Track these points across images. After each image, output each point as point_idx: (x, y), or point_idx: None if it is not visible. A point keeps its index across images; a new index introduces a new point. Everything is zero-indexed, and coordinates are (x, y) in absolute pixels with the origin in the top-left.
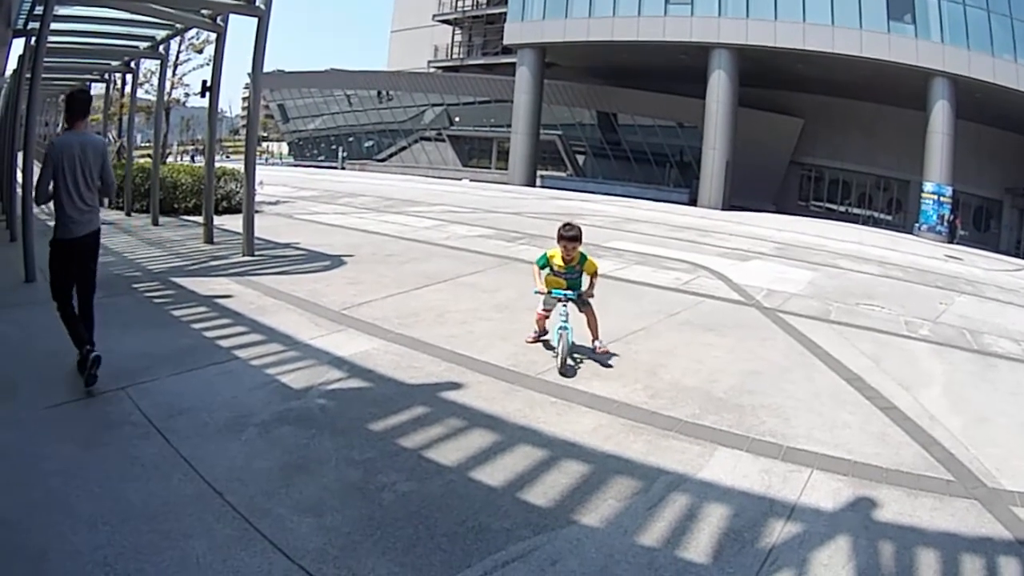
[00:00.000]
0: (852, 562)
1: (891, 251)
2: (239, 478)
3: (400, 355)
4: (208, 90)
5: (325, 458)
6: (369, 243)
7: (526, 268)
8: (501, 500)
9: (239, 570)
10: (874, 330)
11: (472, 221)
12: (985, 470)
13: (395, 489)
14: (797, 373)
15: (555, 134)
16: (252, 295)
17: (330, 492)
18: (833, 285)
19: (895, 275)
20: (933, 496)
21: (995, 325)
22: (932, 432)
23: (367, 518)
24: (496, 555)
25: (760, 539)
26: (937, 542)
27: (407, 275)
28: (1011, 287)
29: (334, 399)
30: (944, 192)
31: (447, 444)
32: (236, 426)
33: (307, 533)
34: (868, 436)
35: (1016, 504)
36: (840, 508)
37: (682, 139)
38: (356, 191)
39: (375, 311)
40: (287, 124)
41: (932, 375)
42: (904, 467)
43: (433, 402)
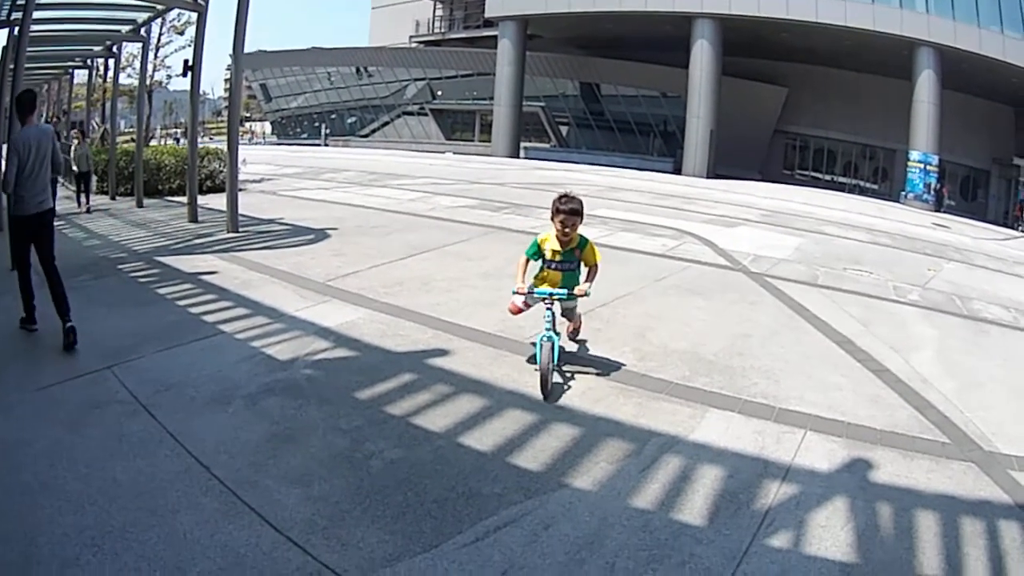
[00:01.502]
0: (850, 524)
1: (878, 218)
2: (226, 451)
3: (386, 324)
4: (190, 69)
5: (312, 428)
6: (353, 216)
7: (511, 237)
8: (491, 465)
9: (226, 544)
10: (863, 295)
11: (456, 192)
12: (981, 433)
13: (383, 457)
14: (787, 336)
15: (538, 106)
16: (237, 270)
17: (317, 462)
18: (820, 251)
19: (883, 242)
20: (929, 458)
21: (984, 292)
22: (926, 395)
23: (355, 487)
24: (488, 520)
25: (756, 501)
26: (935, 504)
27: (392, 246)
28: (1000, 256)
29: (320, 369)
30: (930, 161)
31: (435, 410)
32: (222, 399)
33: (295, 504)
34: (861, 398)
35: (1014, 468)
36: (836, 469)
37: (666, 109)
38: (339, 167)
39: (360, 281)
40: (269, 103)
41: (923, 339)
42: (899, 429)
43: (420, 369)
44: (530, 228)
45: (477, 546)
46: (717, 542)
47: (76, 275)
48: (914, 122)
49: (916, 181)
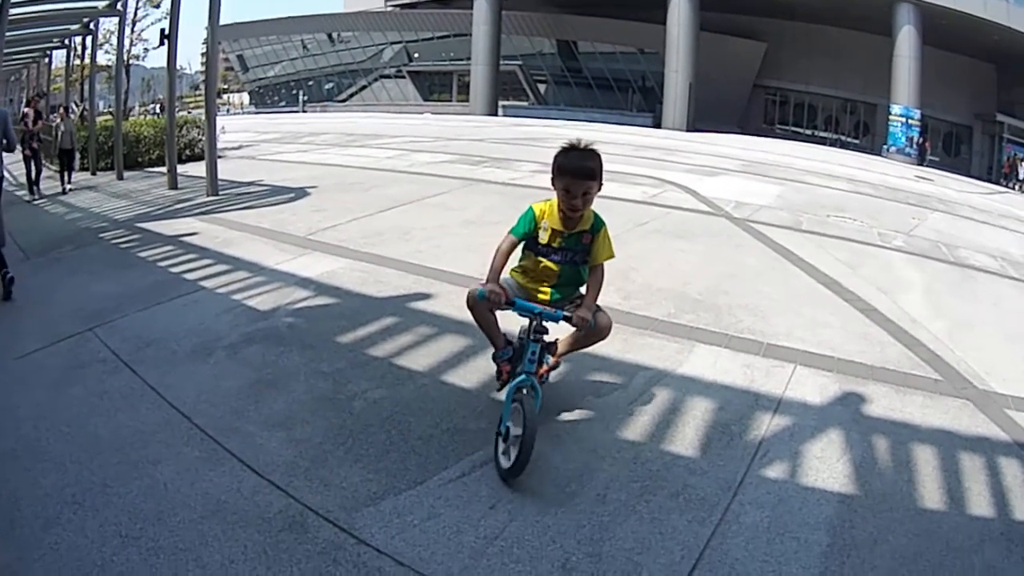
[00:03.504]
0: (847, 455)
1: (860, 170)
2: (207, 400)
3: (367, 272)
4: (167, 38)
5: (294, 373)
6: (332, 175)
7: (491, 188)
8: (476, 401)
9: (207, 491)
10: (847, 239)
11: (435, 149)
12: (974, 372)
13: (366, 397)
14: (772, 276)
15: (515, 64)
16: (217, 230)
17: (299, 405)
18: (802, 199)
19: (865, 192)
20: (923, 394)
21: (970, 241)
22: (915, 334)
23: (338, 428)
24: (474, 455)
25: (748, 432)
26: (932, 439)
27: (371, 200)
28: (985, 208)
29: (302, 317)
30: (912, 115)
31: (418, 351)
32: (203, 351)
33: (276, 448)
34: (850, 335)
35: (1010, 407)
36: (828, 402)
37: (644, 65)
38: (317, 130)
39: (340, 234)
40: (247, 74)
41: (911, 282)
42: (890, 365)
43: (402, 312)
44: (510, 180)
45: (463, 481)
46: (711, 473)
47: (59, 247)
48: (895, 77)
49: (898, 135)
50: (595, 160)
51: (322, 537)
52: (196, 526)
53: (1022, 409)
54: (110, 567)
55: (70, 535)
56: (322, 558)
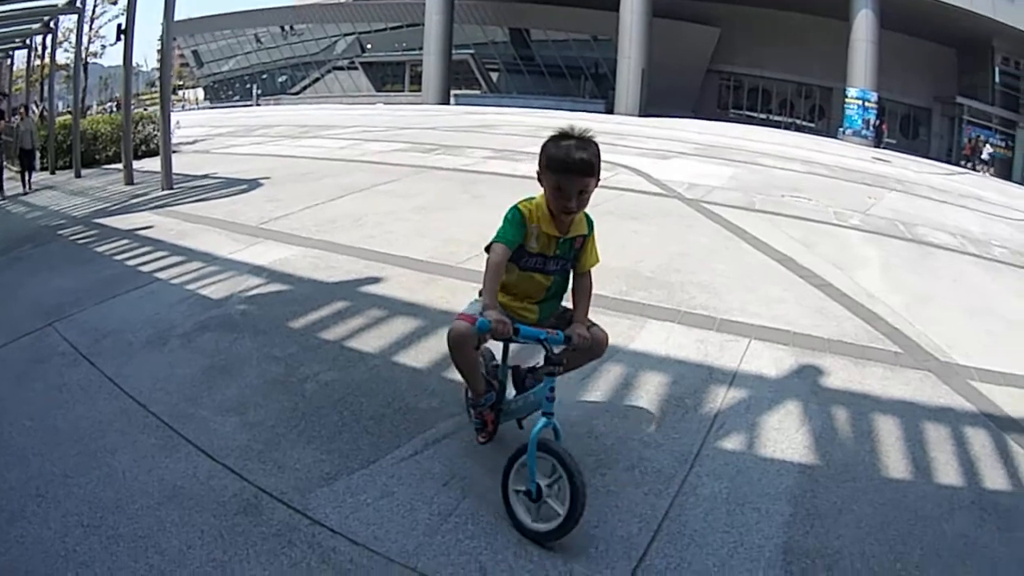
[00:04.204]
0: (806, 426)
1: (815, 152)
2: (163, 388)
3: (319, 258)
4: (124, 33)
5: (246, 358)
6: (285, 166)
7: (443, 175)
8: (427, 380)
9: (164, 478)
10: (802, 218)
11: (387, 138)
12: (935, 345)
13: (318, 379)
14: (725, 254)
15: (467, 53)
16: (172, 223)
17: (252, 389)
18: (757, 180)
19: (820, 172)
20: (883, 366)
21: (930, 219)
22: (873, 308)
23: (291, 410)
24: (426, 433)
25: (703, 405)
26: (894, 410)
27: (323, 189)
28: (945, 188)
29: (254, 303)
30: (869, 97)
31: (369, 333)
32: (159, 340)
33: (230, 432)
34: (805, 310)
35: (975, 379)
36: (785, 375)
37: (597, 52)
38: (270, 123)
39: (292, 222)
40: (202, 69)
41: (867, 259)
42: (847, 339)
43: (353, 297)
44: (461, 166)
45: (416, 459)
46: (666, 446)
47: (20, 246)
48: (852, 61)
49: (854, 117)
50: (593, 151)
51: (277, 519)
52: (154, 512)
53: (987, 381)
54: (73, 557)
55: (35, 528)
56: (277, 540)
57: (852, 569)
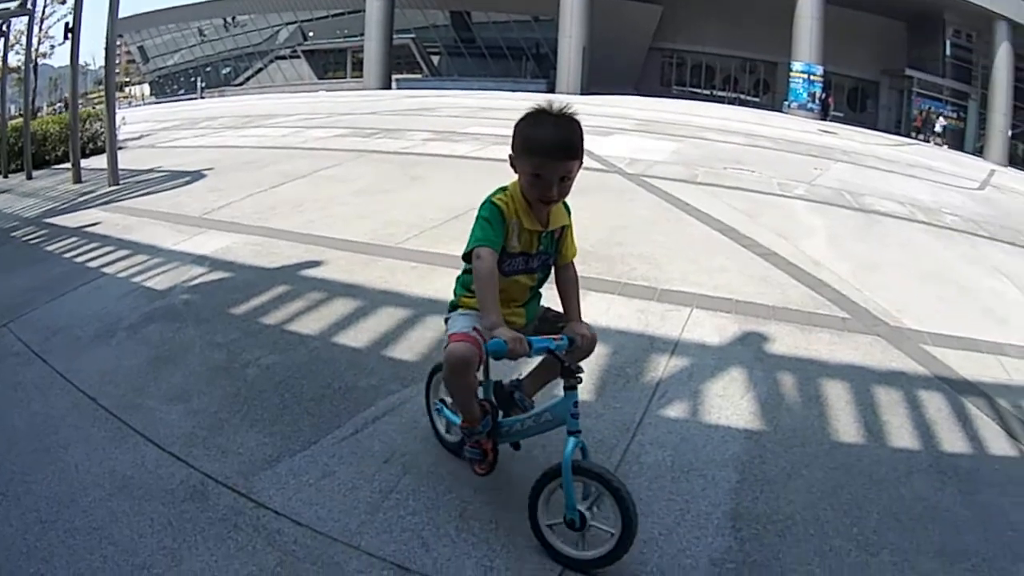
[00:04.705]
0: (751, 392)
1: (759, 125)
2: (111, 381)
3: (260, 245)
4: (71, 32)
5: (190, 346)
6: (228, 156)
7: (383, 158)
8: (367, 360)
9: (114, 469)
10: (745, 190)
11: (328, 124)
12: (884, 310)
13: (259, 364)
14: (666, 226)
15: (408, 38)
16: (118, 218)
17: (196, 377)
18: (699, 153)
19: (764, 145)
20: (830, 332)
21: (877, 188)
22: (819, 275)
23: (233, 395)
24: (366, 412)
25: (645, 374)
26: (843, 374)
27: (265, 177)
28: (893, 159)
29: (197, 293)
30: (814, 71)
31: (309, 316)
32: (106, 334)
33: (176, 420)
34: (749, 278)
35: (927, 343)
36: (728, 343)
37: (538, 32)
38: (214, 115)
39: (234, 211)
40: (147, 64)
41: (813, 228)
42: (792, 305)
43: (294, 281)
44: (401, 149)
45: (356, 438)
46: (607, 415)
47: None
48: (797, 36)
49: (800, 91)
50: (576, 130)
51: (222, 504)
52: (106, 504)
53: (941, 345)
54: (35, 553)
55: None
56: (223, 524)
57: (805, 534)
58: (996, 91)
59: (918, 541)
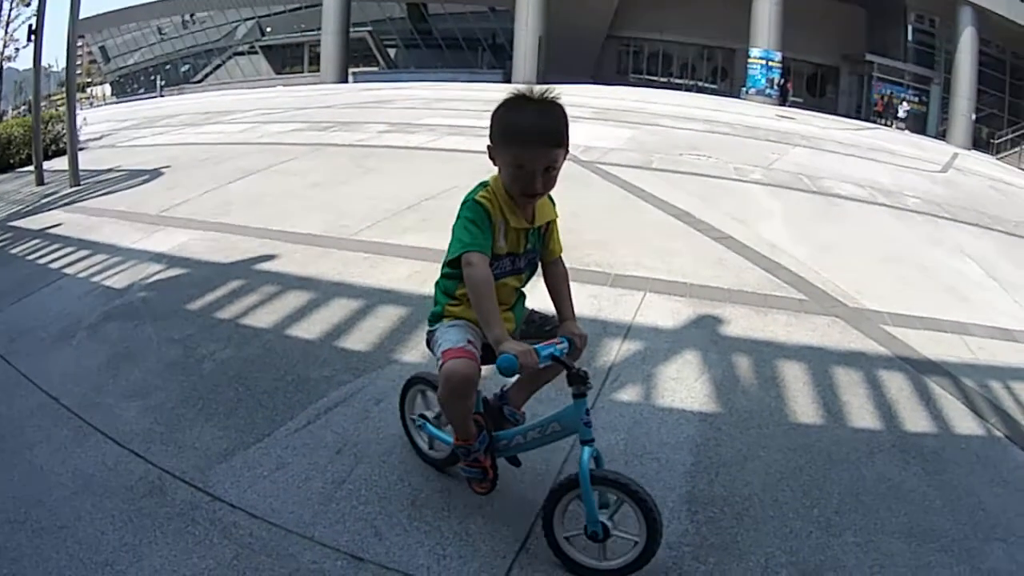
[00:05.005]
0: (706, 375)
1: (717, 111)
2: (72, 380)
3: (216, 240)
4: (34, 34)
5: (147, 343)
6: (186, 153)
7: (339, 151)
8: (319, 351)
9: (77, 468)
10: (701, 175)
11: (285, 119)
12: (843, 291)
13: (214, 358)
14: (621, 213)
15: (365, 31)
16: (79, 218)
17: (154, 373)
18: (655, 140)
19: (722, 131)
20: (786, 314)
21: (836, 172)
22: (775, 258)
23: (189, 390)
24: (318, 402)
25: (597, 358)
26: (800, 355)
27: (222, 172)
28: (853, 143)
29: (154, 290)
30: (773, 57)
31: (263, 309)
32: (67, 334)
33: (135, 417)
34: (704, 262)
35: (887, 323)
36: (682, 326)
37: (495, 23)
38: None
39: (192, 207)
40: (108, 64)
41: (770, 211)
42: (748, 288)
43: (249, 275)
44: (357, 142)
45: (309, 429)
46: (558, 400)
47: None
48: (755, 22)
49: (758, 77)
50: (561, 116)
51: (180, 498)
52: (70, 503)
53: (902, 325)
54: (5, 553)
55: None
56: (181, 519)
57: (764, 516)
58: (960, 76)
59: (882, 521)
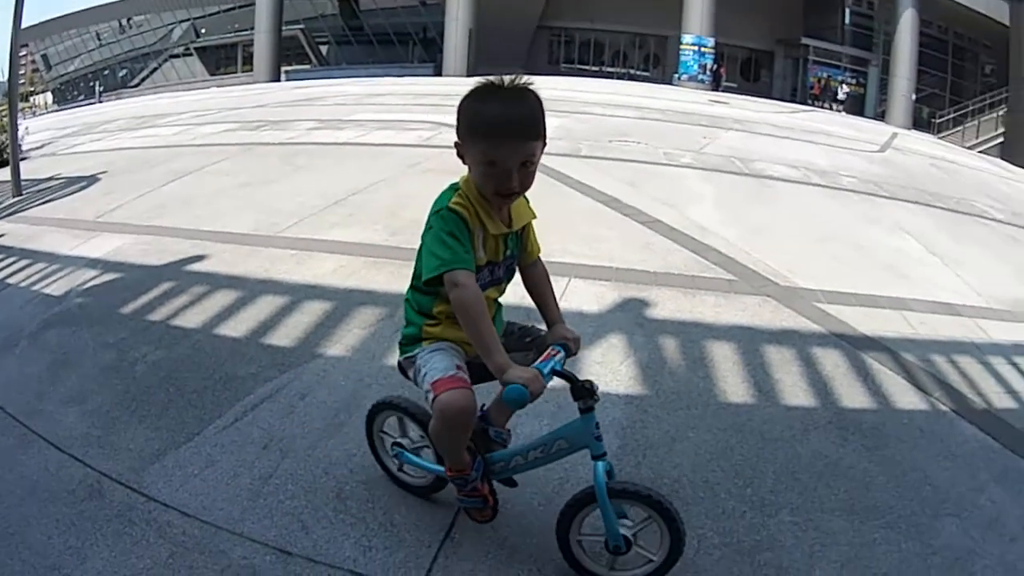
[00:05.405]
0: (631, 358)
1: (648, 98)
2: (16, 388)
3: (149, 243)
4: None
5: (84, 349)
6: (123, 158)
7: (269, 150)
8: (246, 348)
9: (23, 474)
10: (630, 161)
11: (218, 120)
12: (775, 271)
13: (146, 360)
14: (548, 200)
15: (297, 28)
16: (21, 228)
17: (90, 378)
18: (584, 128)
19: (652, 117)
20: (715, 295)
21: (769, 154)
22: (705, 240)
23: (123, 393)
24: (245, 399)
25: None
26: (730, 336)
27: (156, 176)
28: (789, 126)
29: (90, 295)
30: (705, 43)
31: (193, 310)
32: (10, 343)
33: (73, 422)
34: (630, 246)
35: (821, 301)
36: (607, 310)
37: (425, 17)
38: (111, 118)
39: (127, 212)
40: (50, 72)
41: (700, 195)
42: (675, 270)
43: (179, 276)
44: (287, 140)
45: (237, 426)
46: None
47: None
48: (687, 8)
49: (690, 63)
50: (536, 105)
51: (117, 500)
52: (18, 509)
53: (837, 302)
54: None
55: None
56: (119, 520)
57: (695, 497)
58: (899, 57)
59: (820, 499)
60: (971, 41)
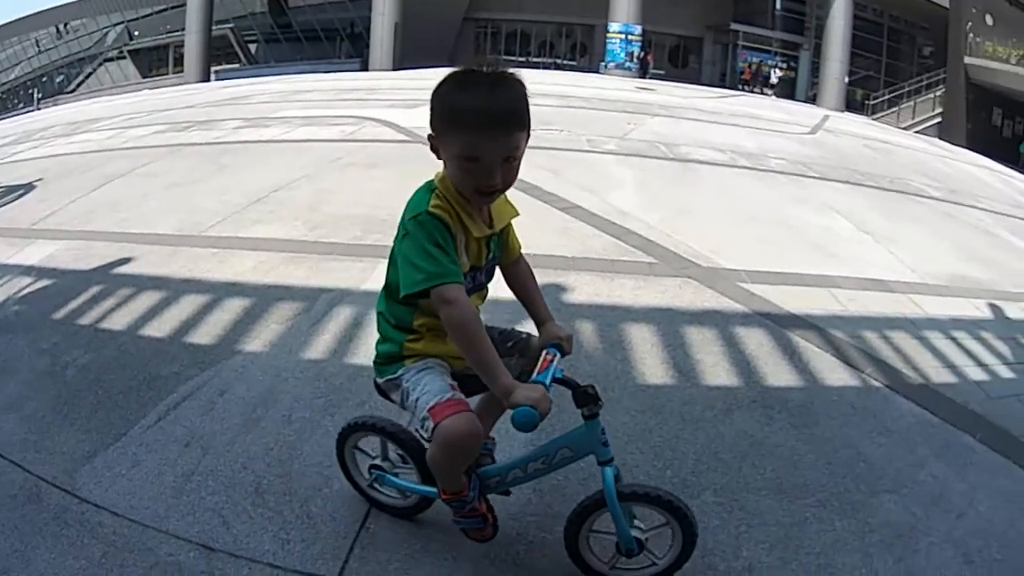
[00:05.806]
0: None
1: (573, 87)
2: None
3: (80, 249)
4: None
5: (20, 355)
6: (57, 164)
7: (196, 150)
8: (169, 348)
9: None
10: (552, 149)
11: (148, 122)
12: (697, 253)
13: (76, 364)
14: None
15: (227, 28)
16: None
17: (26, 384)
18: None
19: (577, 105)
20: (635, 278)
21: (695, 139)
22: (625, 225)
23: (56, 397)
24: (168, 398)
25: None
26: (649, 318)
27: (87, 181)
28: (716, 110)
29: (25, 303)
30: (632, 31)
31: (119, 312)
32: None
33: (12, 428)
34: (547, 232)
35: (745, 281)
36: None
37: (352, 12)
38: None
39: (60, 218)
40: None
41: (621, 180)
42: (593, 255)
43: (107, 280)
44: (213, 140)
45: (160, 425)
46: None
47: None
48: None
49: (617, 51)
50: (520, 93)
51: (53, 503)
52: None
53: (761, 282)
54: None
55: None
56: (56, 523)
57: None
58: (832, 41)
59: (746, 479)
60: (908, 24)
